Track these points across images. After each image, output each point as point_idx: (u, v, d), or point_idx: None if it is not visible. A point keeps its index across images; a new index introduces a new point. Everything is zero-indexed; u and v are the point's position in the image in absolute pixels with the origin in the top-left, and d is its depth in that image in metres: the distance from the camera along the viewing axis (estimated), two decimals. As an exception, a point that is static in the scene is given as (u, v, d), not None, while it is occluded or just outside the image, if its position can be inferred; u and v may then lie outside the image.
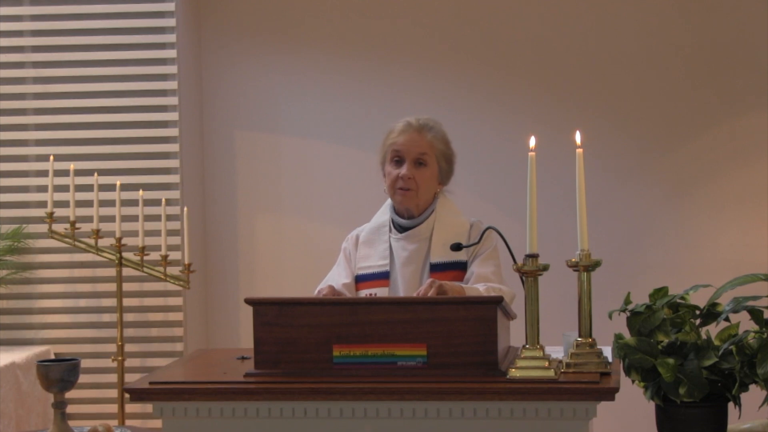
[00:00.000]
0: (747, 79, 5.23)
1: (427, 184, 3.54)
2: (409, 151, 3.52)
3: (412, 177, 3.50)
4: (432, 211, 3.57)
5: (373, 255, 3.58)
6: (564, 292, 4.11)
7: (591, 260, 2.85)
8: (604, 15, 5.30)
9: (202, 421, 2.87)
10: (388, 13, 5.37)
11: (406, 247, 3.55)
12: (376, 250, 3.59)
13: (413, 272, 3.52)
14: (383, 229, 3.61)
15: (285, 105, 5.41)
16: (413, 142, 3.53)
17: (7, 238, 5.03)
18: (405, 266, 3.53)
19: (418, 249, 3.53)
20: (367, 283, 3.56)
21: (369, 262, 3.58)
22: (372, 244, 3.60)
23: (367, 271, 3.58)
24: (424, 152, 3.52)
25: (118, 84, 5.12)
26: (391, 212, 3.61)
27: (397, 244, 3.57)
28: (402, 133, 3.55)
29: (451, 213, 3.58)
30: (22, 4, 5.15)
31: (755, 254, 5.17)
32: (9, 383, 4.62)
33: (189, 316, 5.16)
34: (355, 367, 2.86)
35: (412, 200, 3.53)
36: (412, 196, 3.53)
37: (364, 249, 3.61)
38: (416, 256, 3.53)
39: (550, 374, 2.77)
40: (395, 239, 3.57)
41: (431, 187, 3.56)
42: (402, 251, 3.55)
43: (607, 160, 5.26)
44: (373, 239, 3.61)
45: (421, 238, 3.54)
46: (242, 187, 5.44)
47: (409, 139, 3.53)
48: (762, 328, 2.99)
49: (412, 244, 3.54)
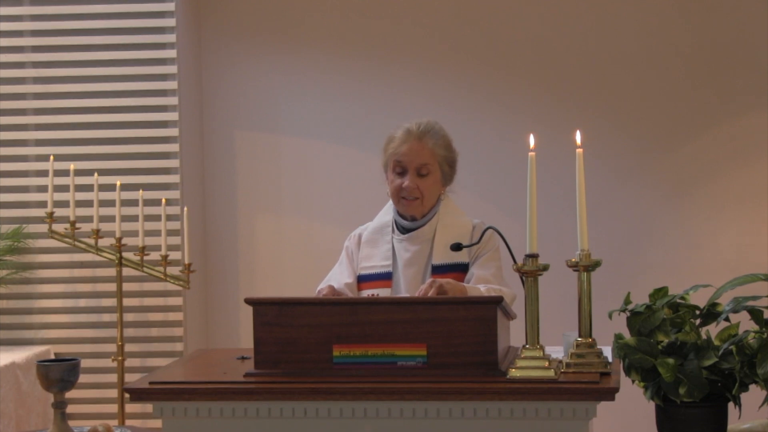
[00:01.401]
0: (747, 79, 5.23)
1: (431, 191, 3.54)
2: (410, 161, 3.51)
3: (416, 187, 3.50)
4: (435, 213, 3.57)
5: (375, 255, 3.58)
6: (564, 292, 4.11)
7: (591, 260, 2.85)
8: (604, 15, 5.30)
9: (202, 421, 2.87)
10: (389, 13, 5.37)
11: (408, 248, 3.55)
12: (378, 250, 3.58)
13: (415, 273, 3.52)
14: (386, 230, 3.61)
15: (285, 105, 5.41)
16: (415, 153, 3.51)
17: (7, 238, 5.03)
18: (407, 267, 3.53)
19: (420, 250, 3.53)
20: (369, 283, 3.56)
21: (371, 262, 3.58)
22: (374, 244, 3.60)
23: (369, 272, 3.57)
24: (425, 162, 3.51)
25: (118, 84, 5.12)
26: (394, 213, 3.61)
27: (400, 245, 3.56)
28: (403, 143, 3.53)
29: (453, 214, 3.58)
30: (22, 4, 5.15)
31: (755, 254, 5.17)
32: (9, 383, 4.62)
33: (189, 316, 5.16)
34: (355, 367, 2.86)
35: (417, 209, 3.54)
36: (417, 205, 3.53)
37: (367, 249, 3.60)
38: (419, 258, 3.53)
39: (550, 374, 2.77)
40: (398, 240, 3.57)
41: (435, 193, 3.57)
42: (404, 252, 3.54)
43: (607, 160, 5.26)
44: (375, 239, 3.61)
45: (424, 239, 3.54)
46: (242, 187, 5.44)
47: (410, 149, 3.52)
48: (762, 328, 2.99)
49: (415, 245, 3.54)
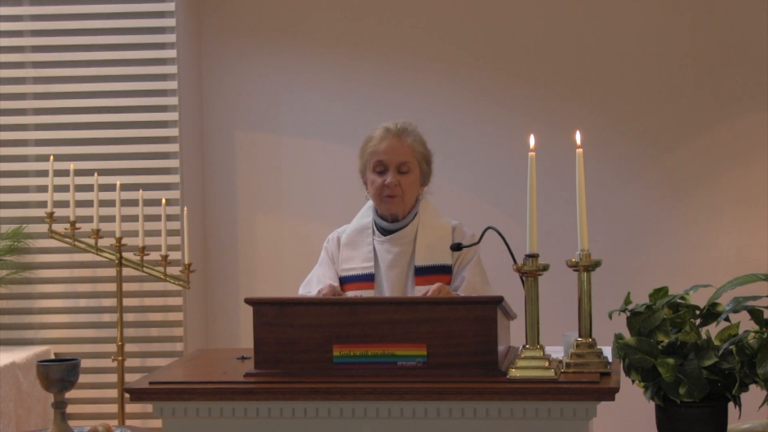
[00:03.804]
0: (747, 79, 5.23)
1: (411, 189, 3.59)
2: (391, 159, 3.56)
3: (397, 184, 3.54)
4: (415, 214, 3.61)
5: (356, 257, 3.60)
6: (564, 292, 4.11)
7: (591, 260, 2.85)
8: (604, 15, 5.30)
9: (202, 421, 2.87)
10: (389, 14, 5.37)
11: (390, 249, 3.57)
12: (359, 252, 3.61)
13: (398, 275, 3.54)
14: (366, 231, 3.63)
15: (285, 105, 5.41)
16: (394, 150, 3.57)
17: (7, 238, 5.03)
18: (390, 269, 3.55)
19: (402, 252, 3.56)
20: (351, 284, 3.58)
21: (352, 263, 3.60)
22: (355, 246, 3.62)
23: (350, 273, 3.60)
24: (406, 160, 3.57)
25: (118, 84, 5.12)
26: (374, 215, 3.64)
27: (381, 246, 3.59)
28: (382, 141, 3.59)
29: (433, 216, 3.63)
30: (22, 4, 5.14)
31: (755, 254, 5.17)
32: (9, 383, 4.62)
33: (189, 316, 5.16)
34: (355, 367, 2.86)
35: (398, 206, 3.57)
36: (399, 202, 3.57)
37: (347, 251, 3.62)
38: (401, 259, 3.56)
39: (550, 374, 2.77)
40: (379, 242, 3.60)
41: (415, 191, 3.61)
42: (386, 254, 3.57)
43: (607, 160, 5.26)
44: (356, 241, 3.63)
45: (405, 241, 3.57)
46: (242, 187, 5.44)
47: (390, 146, 3.57)
48: (762, 328, 2.99)
49: (396, 246, 3.57)
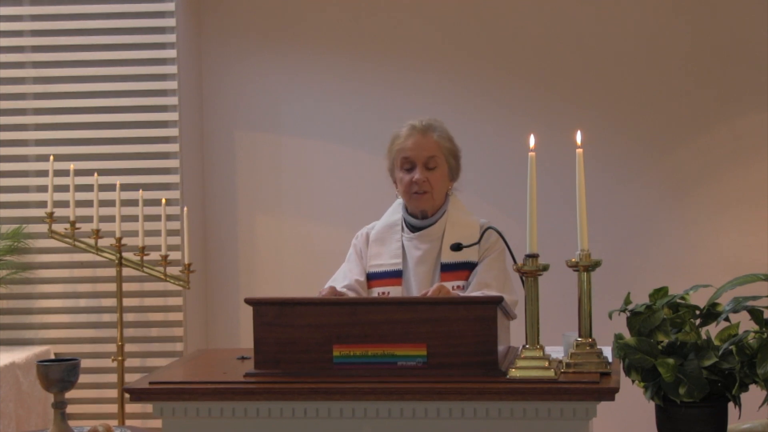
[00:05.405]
0: (747, 79, 5.23)
1: (440, 184, 3.58)
2: (418, 155, 3.56)
3: (426, 180, 3.54)
4: (444, 212, 3.60)
5: (384, 253, 3.61)
6: (564, 292, 4.10)
7: (591, 260, 2.85)
8: (604, 15, 5.30)
9: (202, 421, 2.87)
10: (389, 13, 5.37)
11: (419, 246, 3.57)
12: (387, 248, 3.61)
13: (426, 272, 3.55)
14: (395, 228, 3.63)
15: (285, 105, 5.41)
16: (421, 146, 3.57)
17: (7, 238, 5.03)
18: (418, 266, 3.55)
19: (430, 249, 3.56)
20: (379, 281, 3.58)
21: (380, 260, 3.60)
22: (384, 243, 3.62)
23: (378, 269, 3.60)
24: (433, 155, 3.57)
25: (118, 84, 5.12)
26: (403, 212, 3.64)
27: (410, 243, 3.59)
28: (408, 138, 3.59)
29: (462, 213, 3.62)
30: (22, 4, 5.14)
31: (755, 254, 5.17)
32: (9, 383, 4.62)
33: (189, 316, 5.16)
34: (355, 367, 2.86)
35: (428, 202, 3.58)
36: (428, 199, 3.57)
37: (376, 247, 3.63)
38: (428, 256, 3.56)
39: (550, 374, 2.77)
40: (407, 238, 3.60)
41: (444, 186, 3.61)
42: (415, 250, 3.57)
43: (607, 160, 5.26)
44: (384, 237, 3.63)
45: (434, 237, 3.57)
46: (242, 187, 5.44)
47: (416, 143, 3.57)
48: (762, 328, 2.99)
49: (425, 243, 3.57)
